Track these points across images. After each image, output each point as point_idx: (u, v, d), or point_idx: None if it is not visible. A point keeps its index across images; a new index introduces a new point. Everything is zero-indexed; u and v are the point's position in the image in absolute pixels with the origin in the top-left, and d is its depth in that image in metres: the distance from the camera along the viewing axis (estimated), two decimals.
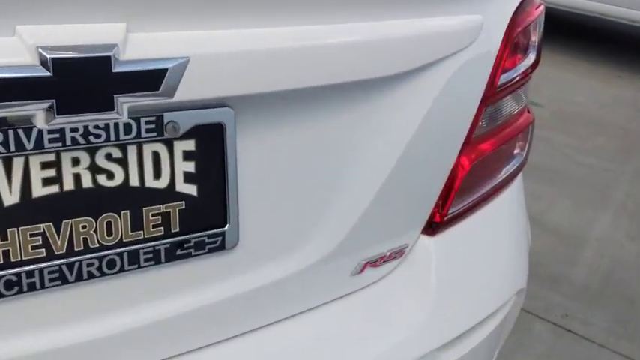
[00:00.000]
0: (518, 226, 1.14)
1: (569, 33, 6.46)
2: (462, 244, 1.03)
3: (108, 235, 0.70)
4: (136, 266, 0.72)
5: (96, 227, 0.69)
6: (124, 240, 0.71)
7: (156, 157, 0.70)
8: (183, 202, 0.74)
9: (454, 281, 0.99)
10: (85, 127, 0.64)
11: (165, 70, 0.63)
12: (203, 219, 0.75)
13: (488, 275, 1.05)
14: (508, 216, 1.12)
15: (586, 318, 2.22)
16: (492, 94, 0.96)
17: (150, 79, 0.63)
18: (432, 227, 0.99)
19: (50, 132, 0.62)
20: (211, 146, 0.73)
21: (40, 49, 0.56)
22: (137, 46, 0.61)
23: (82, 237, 0.68)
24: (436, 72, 0.85)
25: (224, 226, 0.77)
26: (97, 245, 0.69)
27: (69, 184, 0.66)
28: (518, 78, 1.05)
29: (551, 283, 2.38)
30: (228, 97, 0.71)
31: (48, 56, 0.56)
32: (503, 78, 0.99)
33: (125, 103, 0.62)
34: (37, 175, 0.64)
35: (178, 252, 0.75)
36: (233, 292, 0.80)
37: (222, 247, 0.77)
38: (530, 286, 2.39)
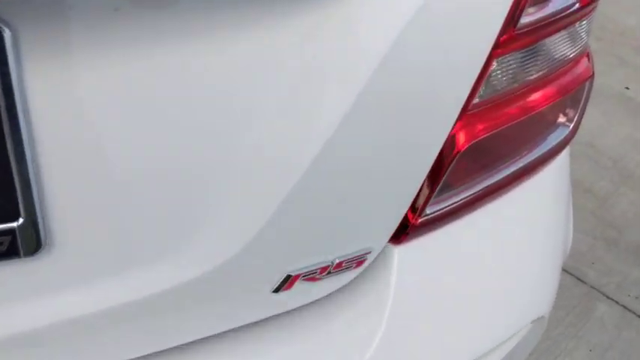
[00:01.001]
0: (549, 230, 0.79)
1: None
2: (445, 257, 0.70)
3: None
4: None
5: None
6: None
7: None
8: None
9: (424, 312, 0.68)
10: None
11: None
12: None
13: (485, 303, 0.73)
14: (533, 216, 0.77)
15: None
16: (509, 38, 0.60)
17: None
18: (399, 231, 0.67)
19: None
20: None
21: None
22: None
23: None
24: None
25: (14, 220, 0.49)
26: None
27: None
28: (568, 11, 0.67)
29: (632, 254, 1.97)
30: None
31: None
32: (535, 13, 0.62)
33: None
34: None
35: None
36: (48, 320, 0.54)
37: (13, 252, 0.50)
38: (605, 258, 2.00)
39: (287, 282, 0.64)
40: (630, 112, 2.67)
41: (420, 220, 0.67)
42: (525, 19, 0.60)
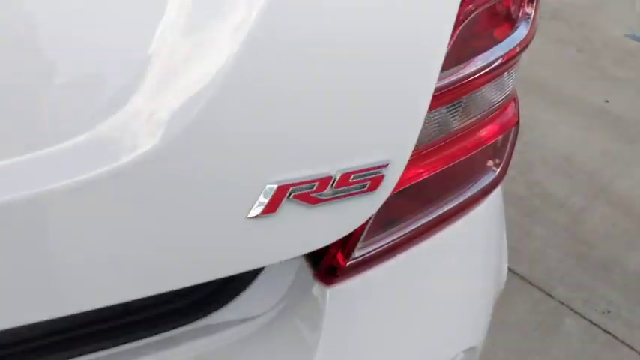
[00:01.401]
0: (480, 265, 0.84)
1: None
2: (377, 295, 0.75)
3: None
4: None
5: None
6: None
7: None
8: None
9: (356, 348, 0.73)
10: None
11: None
12: None
13: (417, 336, 0.78)
14: (464, 252, 0.82)
15: (632, 318, 1.87)
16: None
17: None
18: (330, 272, 0.72)
19: None
20: None
21: None
22: None
23: None
24: None
25: None
26: None
27: None
28: (489, 67, 0.72)
29: (601, 269, 2.02)
30: None
31: None
32: (451, 75, 0.67)
33: None
34: None
35: None
36: None
37: None
38: (574, 272, 2.05)
39: (270, 198, 0.46)
40: (608, 126, 2.72)
41: (348, 263, 0.71)
42: (441, 82, 0.65)
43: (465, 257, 0.82)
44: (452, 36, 0.63)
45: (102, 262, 0.44)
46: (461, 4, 0.62)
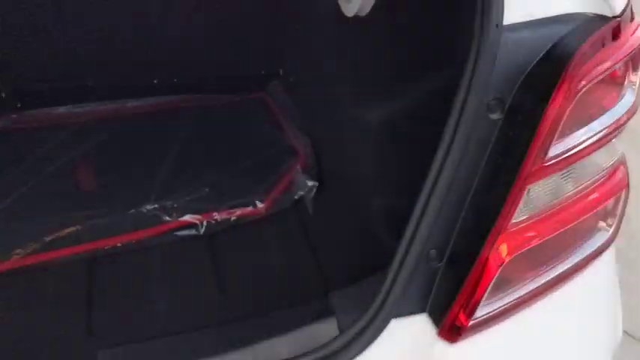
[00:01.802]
0: (597, 321, 0.86)
1: None
2: (498, 352, 0.79)
3: None
4: None
5: None
6: None
7: None
8: None
9: None
10: None
11: None
12: None
13: None
14: (581, 308, 0.85)
15: None
16: (539, 169, 0.69)
17: None
18: (454, 331, 0.76)
19: None
20: None
21: None
22: None
23: None
24: None
25: None
26: None
27: None
28: (600, 135, 0.76)
29: None
30: None
31: None
32: (567, 141, 0.71)
33: None
34: None
35: None
36: None
37: None
38: None
39: None
40: None
41: (470, 323, 0.76)
42: (554, 152, 0.70)
43: (581, 314, 0.84)
44: (566, 111, 0.69)
45: None
46: (573, 81, 0.68)
